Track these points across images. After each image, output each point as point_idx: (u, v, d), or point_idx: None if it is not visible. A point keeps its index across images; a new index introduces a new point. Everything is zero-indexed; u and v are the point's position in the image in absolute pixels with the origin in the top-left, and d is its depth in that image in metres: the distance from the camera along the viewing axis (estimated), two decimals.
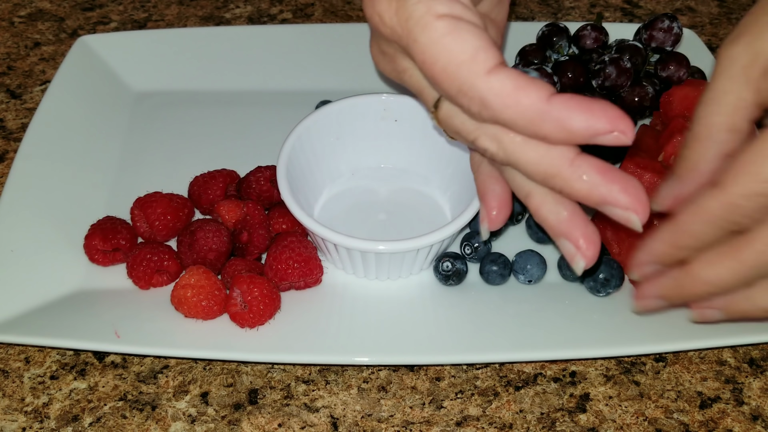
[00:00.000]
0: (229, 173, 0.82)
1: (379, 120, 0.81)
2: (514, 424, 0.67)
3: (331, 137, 0.81)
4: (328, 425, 0.67)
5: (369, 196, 0.82)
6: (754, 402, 0.69)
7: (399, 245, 0.69)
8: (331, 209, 0.81)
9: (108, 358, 0.72)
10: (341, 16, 1.13)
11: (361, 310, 0.73)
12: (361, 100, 0.81)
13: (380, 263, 0.71)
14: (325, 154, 0.81)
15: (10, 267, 0.74)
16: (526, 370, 0.71)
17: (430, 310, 0.73)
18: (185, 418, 0.67)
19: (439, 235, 0.69)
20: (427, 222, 0.79)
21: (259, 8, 1.14)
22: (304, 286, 0.74)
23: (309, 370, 0.71)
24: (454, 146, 0.79)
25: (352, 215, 0.80)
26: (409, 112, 0.81)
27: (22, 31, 1.10)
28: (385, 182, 0.84)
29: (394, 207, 0.81)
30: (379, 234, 0.78)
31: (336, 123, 0.80)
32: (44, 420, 0.67)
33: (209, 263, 0.73)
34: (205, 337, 0.69)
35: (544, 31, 0.90)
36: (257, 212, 0.76)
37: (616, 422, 0.67)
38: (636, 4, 1.16)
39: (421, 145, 0.82)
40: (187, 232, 0.74)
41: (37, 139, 0.85)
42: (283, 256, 0.72)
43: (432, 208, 0.81)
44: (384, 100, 0.81)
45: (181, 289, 0.70)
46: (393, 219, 0.80)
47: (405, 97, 0.80)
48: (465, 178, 0.76)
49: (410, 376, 0.70)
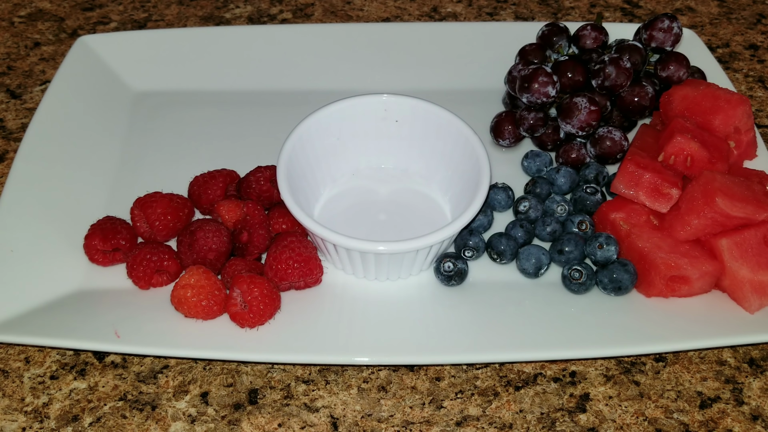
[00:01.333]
0: (229, 173, 0.82)
1: (379, 120, 0.81)
2: (514, 424, 0.67)
3: (331, 137, 0.81)
4: (328, 425, 0.67)
5: (369, 197, 0.82)
6: (754, 402, 0.69)
7: (398, 246, 0.69)
8: (331, 209, 0.81)
9: (108, 358, 0.72)
10: (341, 16, 1.13)
11: (361, 310, 0.73)
12: (361, 101, 0.81)
13: (380, 264, 0.71)
14: (326, 154, 0.81)
15: (10, 267, 0.74)
16: (526, 370, 0.71)
17: (430, 310, 0.73)
18: (185, 418, 0.67)
19: (438, 236, 0.69)
20: (428, 223, 0.79)
21: (259, 8, 1.14)
22: (304, 286, 0.74)
23: (309, 370, 0.71)
24: (455, 146, 0.79)
25: (352, 216, 0.80)
26: (410, 113, 0.80)
27: (22, 31, 1.10)
28: (385, 183, 0.83)
29: (394, 207, 0.81)
30: (378, 234, 0.78)
31: (337, 123, 0.80)
32: (44, 420, 0.67)
33: (209, 263, 0.73)
34: (205, 337, 0.69)
35: (544, 30, 0.90)
36: (257, 212, 0.76)
37: (616, 422, 0.67)
38: (636, 4, 1.16)
39: (421, 146, 0.82)
40: (187, 232, 0.74)
41: (37, 139, 0.85)
42: (283, 256, 0.72)
43: (432, 209, 0.81)
44: (385, 101, 0.81)
45: (181, 289, 0.70)
46: (393, 219, 0.80)
47: (406, 98, 0.80)
48: (465, 179, 0.76)
49: (410, 376, 0.70)
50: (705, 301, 0.73)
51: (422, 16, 1.13)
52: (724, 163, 0.77)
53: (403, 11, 1.13)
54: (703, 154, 0.76)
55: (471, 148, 0.76)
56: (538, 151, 0.85)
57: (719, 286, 0.73)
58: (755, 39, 1.09)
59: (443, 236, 0.70)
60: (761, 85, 1.01)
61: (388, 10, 1.13)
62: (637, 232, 0.74)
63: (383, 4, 1.15)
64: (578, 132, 0.82)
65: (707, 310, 0.72)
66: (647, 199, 0.75)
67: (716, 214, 0.71)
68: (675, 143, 0.77)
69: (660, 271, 0.71)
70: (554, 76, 0.81)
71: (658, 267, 0.71)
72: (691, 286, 0.71)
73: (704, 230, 0.72)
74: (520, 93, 0.82)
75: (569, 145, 0.84)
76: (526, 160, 0.84)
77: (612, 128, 0.83)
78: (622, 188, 0.76)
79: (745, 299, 0.71)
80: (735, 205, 0.71)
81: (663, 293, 0.72)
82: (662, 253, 0.72)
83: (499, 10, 1.14)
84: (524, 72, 0.82)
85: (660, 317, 0.71)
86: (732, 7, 1.15)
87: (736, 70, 1.04)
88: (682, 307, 0.72)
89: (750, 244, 0.71)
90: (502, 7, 1.15)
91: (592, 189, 0.80)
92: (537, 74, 0.81)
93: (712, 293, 0.73)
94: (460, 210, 0.72)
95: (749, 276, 0.71)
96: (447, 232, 0.70)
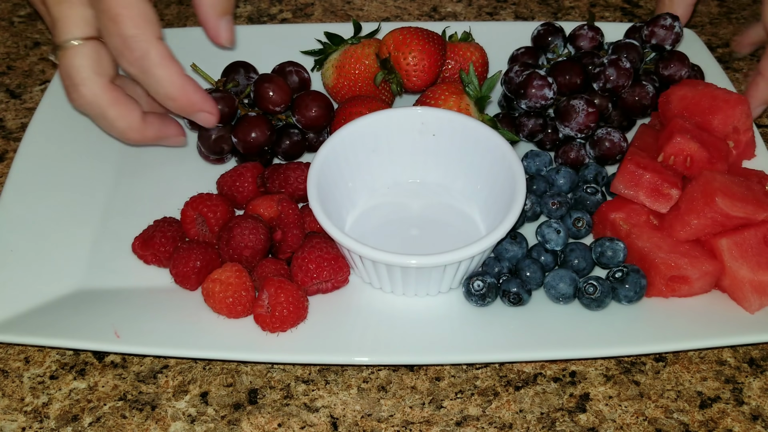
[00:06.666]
0: (254, 166, 0.81)
1: (416, 134, 0.80)
2: (514, 424, 0.67)
3: (367, 149, 0.79)
4: (327, 425, 0.67)
5: (403, 211, 0.80)
6: (754, 402, 0.69)
7: (426, 260, 0.67)
8: (364, 223, 0.79)
9: (108, 358, 0.72)
10: (341, 16, 1.13)
11: (361, 310, 0.73)
12: (398, 113, 0.79)
13: (407, 278, 0.70)
14: (361, 166, 0.80)
15: (10, 267, 0.74)
16: (526, 370, 0.71)
17: (430, 310, 0.73)
18: (185, 417, 0.67)
19: (466, 251, 0.67)
20: (460, 239, 0.76)
21: (259, 8, 1.14)
22: (331, 288, 0.73)
23: (309, 370, 0.71)
24: (492, 162, 0.77)
25: (384, 229, 0.79)
26: (448, 126, 0.79)
27: (22, 31, 1.10)
28: (420, 197, 0.81)
29: (426, 223, 0.79)
30: (409, 249, 0.74)
31: (372, 135, 0.79)
32: (44, 420, 0.67)
33: (245, 260, 0.73)
34: (205, 337, 0.69)
35: (539, 30, 0.90)
36: (291, 211, 0.75)
37: (616, 422, 0.67)
38: (636, 3, 1.16)
39: (458, 161, 0.80)
40: (226, 228, 0.73)
41: (37, 139, 0.85)
42: (313, 255, 0.71)
43: (466, 225, 0.79)
44: (421, 114, 0.79)
45: (210, 283, 0.70)
46: (425, 234, 0.78)
47: (443, 111, 0.79)
48: (502, 195, 0.74)
49: (410, 376, 0.70)
50: (705, 301, 0.73)
51: (422, 15, 1.13)
52: (723, 163, 0.77)
53: (403, 11, 1.13)
54: (703, 154, 0.76)
55: (508, 164, 0.74)
56: (537, 151, 0.85)
57: (719, 286, 0.73)
58: None
59: (472, 252, 0.67)
60: None
61: (388, 10, 1.13)
62: (637, 232, 0.74)
63: (383, 4, 1.15)
64: (577, 134, 0.82)
65: (707, 310, 0.72)
66: (647, 199, 0.75)
67: (716, 214, 0.71)
68: (674, 143, 0.77)
69: (660, 271, 0.71)
70: (549, 78, 0.81)
71: (658, 267, 0.71)
72: (691, 286, 0.71)
73: (704, 230, 0.72)
74: (518, 99, 0.82)
75: (568, 145, 0.84)
76: (525, 159, 0.84)
77: (611, 129, 0.83)
78: (622, 188, 0.76)
79: (745, 299, 0.71)
80: (735, 205, 0.71)
81: (663, 293, 0.72)
82: (662, 253, 0.72)
83: (499, 10, 1.14)
84: (520, 78, 0.82)
85: (660, 317, 0.71)
86: (732, 7, 1.15)
87: (735, 70, 1.04)
88: (682, 307, 0.72)
89: (750, 244, 0.71)
90: (502, 6, 1.15)
91: (592, 189, 0.79)
92: (532, 78, 0.81)
93: (712, 293, 0.73)
94: (495, 226, 0.70)
95: (749, 276, 0.71)
96: (476, 249, 0.68)
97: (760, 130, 0.93)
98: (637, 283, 0.71)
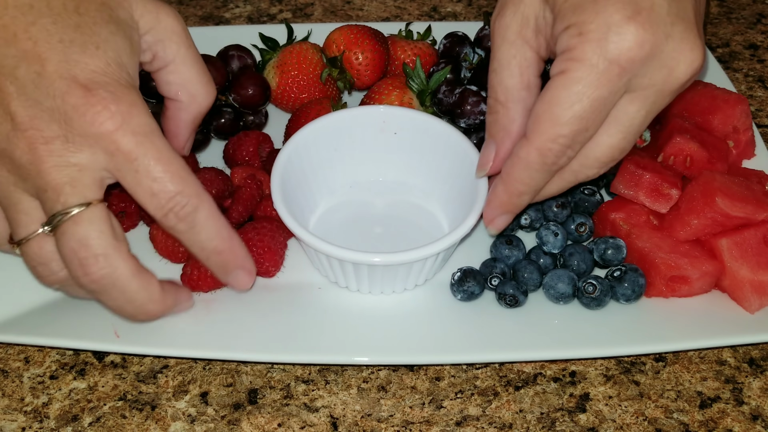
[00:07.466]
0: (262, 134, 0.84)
1: (378, 132, 0.80)
2: (514, 423, 0.67)
3: (329, 148, 0.80)
4: (327, 425, 0.67)
5: (366, 209, 0.81)
6: (754, 402, 0.69)
7: (391, 257, 0.67)
8: (327, 222, 0.80)
9: (107, 357, 0.72)
10: (341, 16, 1.13)
11: (361, 310, 0.73)
12: (359, 111, 0.79)
13: (373, 276, 0.70)
14: (323, 165, 0.80)
15: (10, 267, 0.74)
16: (525, 369, 0.71)
17: (430, 310, 0.73)
18: (185, 417, 0.67)
19: (431, 249, 0.68)
20: (424, 236, 0.77)
21: (258, 8, 1.14)
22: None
23: (309, 369, 0.71)
24: (454, 160, 0.77)
25: (347, 228, 0.79)
26: (410, 125, 0.79)
27: None
28: (382, 195, 0.82)
29: (390, 220, 0.80)
30: (373, 247, 0.75)
31: (335, 134, 0.79)
32: (44, 420, 0.67)
33: None
34: (205, 337, 0.69)
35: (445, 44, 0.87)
36: (250, 189, 0.76)
37: (616, 422, 0.67)
38: None
39: (420, 158, 0.81)
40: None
41: None
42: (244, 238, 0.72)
43: (429, 223, 0.79)
44: (383, 112, 0.79)
45: (155, 230, 0.73)
46: (389, 232, 0.78)
47: (405, 109, 0.79)
48: (464, 193, 0.75)
49: (410, 375, 0.70)
50: (705, 301, 0.73)
51: (422, 15, 1.13)
52: (723, 163, 0.78)
53: (402, 11, 1.13)
54: (703, 154, 0.77)
55: (470, 162, 0.74)
56: None
57: (719, 286, 0.73)
58: (755, 39, 1.09)
59: (436, 249, 0.68)
60: (761, 85, 1.01)
61: (388, 10, 1.13)
62: (637, 233, 0.74)
63: (383, 4, 1.15)
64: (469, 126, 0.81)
65: (707, 310, 0.72)
66: (647, 200, 0.75)
67: (716, 214, 0.71)
68: (674, 144, 0.77)
69: (660, 271, 0.71)
70: (482, 92, 0.79)
71: (658, 267, 0.71)
72: (691, 286, 0.71)
73: (704, 230, 0.72)
74: (455, 118, 0.81)
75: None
76: None
77: None
78: (621, 188, 0.76)
79: (745, 299, 0.71)
80: (735, 205, 0.71)
81: (663, 293, 0.72)
82: (662, 253, 0.72)
83: None
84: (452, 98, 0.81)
85: (660, 317, 0.71)
86: (732, 7, 1.15)
87: (735, 70, 1.04)
88: (682, 307, 0.72)
89: (750, 244, 0.71)
90: None
91: (590, 191, 0.79)
92: (466, 96, 0.79)
93: (712, 293, 0.73)
94: (458, 224, 0.71)
95: (749, 276, 0.71)
96: (440, 246, 0.68)
97: (760, 130, 0.93)
98: (636, 282, 0.71)
